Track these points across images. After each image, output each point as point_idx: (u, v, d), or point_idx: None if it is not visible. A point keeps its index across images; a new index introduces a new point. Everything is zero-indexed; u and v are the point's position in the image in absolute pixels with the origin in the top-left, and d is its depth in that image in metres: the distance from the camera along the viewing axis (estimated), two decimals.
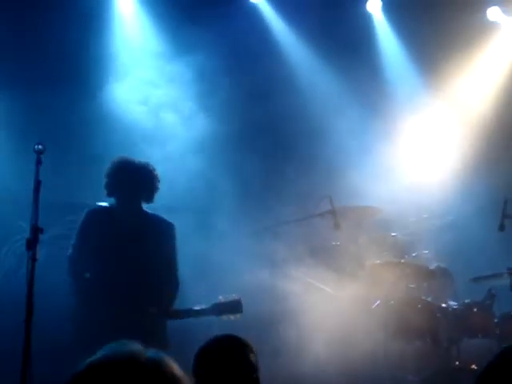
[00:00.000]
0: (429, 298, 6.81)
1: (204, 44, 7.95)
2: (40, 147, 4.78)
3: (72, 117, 7.58)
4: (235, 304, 5.56)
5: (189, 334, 5.56)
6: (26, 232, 4.65)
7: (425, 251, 7.29)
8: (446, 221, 7.68)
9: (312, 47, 8.57)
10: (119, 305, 5.41)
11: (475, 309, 6.67)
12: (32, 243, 4.56)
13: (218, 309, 5.54)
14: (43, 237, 4.64)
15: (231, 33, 8.19)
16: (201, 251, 6.83)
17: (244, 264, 6.53)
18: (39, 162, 4.78)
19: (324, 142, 8.09)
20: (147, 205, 5.75)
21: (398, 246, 7.18)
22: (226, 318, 5.49)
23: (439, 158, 8.46)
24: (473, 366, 6.31)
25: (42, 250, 4.62)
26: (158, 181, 5.72)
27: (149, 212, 5.76)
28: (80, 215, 5.76)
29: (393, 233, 7.36)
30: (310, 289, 6.76)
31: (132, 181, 5.61)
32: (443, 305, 6.80)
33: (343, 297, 6.54)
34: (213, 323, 5.61)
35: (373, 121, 8.19)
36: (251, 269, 6.46)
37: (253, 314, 5.94)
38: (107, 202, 5.74)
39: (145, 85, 7.95)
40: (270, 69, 8.32)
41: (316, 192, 7.28)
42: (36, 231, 4.58)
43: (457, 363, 6.49)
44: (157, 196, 5.72)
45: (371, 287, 6.74)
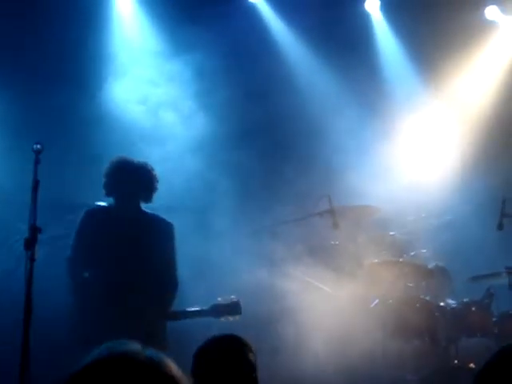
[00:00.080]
0: (427, 297, 6.81)
1: (203, 43, 7.94)
2: (38, 147, 4.79)
3: (70, 116, 7.56)
4: (234, 306, 5.56)
5: (188, 334, 5.55)
6: (25, 232, 4.65)
7: (423, 250, 7.29)
8: (445, 220, 7.69)
9: (310, 47, 8.58)
10: (118, 305, 5.39)
11: (474, 308, 6.68)
12: (30, 243, 4.56)
13: (217, 310, 5.55)
14: (42, 236, 4.64)
15: (230, 32, 8.18)
16: (199, 251, 6.81)
17: (243, 263, 6.53)
18: (37, 162, 4.78)
19: (323, 142, 8.10)
20: (146, 204, 5.74)
21: (397, 245, 7.19)
22: (225, 320, 5.49)
23: (437, 158, 8.46)
24: (471, 365, 6.31)
25: (41, 250, 4.62)
26: (157, 181, 5.71)
27: (148, 212, 5.74)
28: (79, 215, 5.75)
29: (391, 232, 7.37)
30: (309, 288, 6.76)
31: (130, 181, 5.60)
32: (442, 304, 6.80)
33: (342, 296, 6.54)
34: (212, 323, 5.61)
35: (371, 120, 8.19)
36: (250, 268, 6.46)
37: (251, 314, 5.94)
38: (106, 202, 5.74)
39: (144, 84, 7.95)
40: (269, 68, 8.32)
41: (315, 191, 7.28)
42: (34, 231, 4.58)
43: (455, 362, 6.50)
44: (155, 196, 5.71)
45: (369, 286, 6.75)
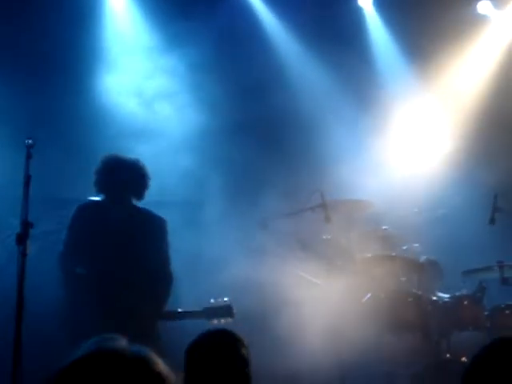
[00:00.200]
0: (419, 292, 6.82)
1: (196, 39, 7.92)
2: (30, 141, 4.77)
3: (63, 111, 7.54)
4: (226, 309, 5.60)
5: (180, 329, 5.55)
6: (17, 227, 4.64)
7: (415, 245, 7.30)
8: (437, 214, 7.71)
9: (304, 41, 8.57)
10: (110, 302, 5.38)
11: (466, 302, 6.69)
12: (22, 238, 4.55)
13: (209, 312, 5.57)
14: (34, 231, 4.63)
15: (223, 27, 8.18)
16: (191, 246, 6.82)
17: (235, 258, 6.53)
18: (29, 157, 4.76)
19: (315, 136, 8.10)
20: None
21: (389, 240, 7.19)
22: (217, 322, 5.51)
23: (430, 152, 8.47)
24: (463, 359, 6.32)
25: (33, 245, 4.61)
26: (149, 178, 5.68)
27: (140, 207, 5.73)
28: (71, 210, 5.74)
29: (384, 226, 7.37)
30: (301, 282, 6.76)
31: (122, 179, 5.58)
32: (434, 298, 6.82)
33: (334, 290, 6.54)
34: (205, 323, 5.60)
35: (364, 115, 8.19)
36: (242, 263, 6.46)
37: (244, 308, 5.94)
38: (99, 197, 5.72)
39: (136, 79, 7.94)
40: (262, 63, 8.30)
41: (307, 186, 7.27)
42: (26, 226, 4.56)
43: (447, 356, 6.52)
44: (147, 191, 5.70)
45: (362, 281, 6.75)
